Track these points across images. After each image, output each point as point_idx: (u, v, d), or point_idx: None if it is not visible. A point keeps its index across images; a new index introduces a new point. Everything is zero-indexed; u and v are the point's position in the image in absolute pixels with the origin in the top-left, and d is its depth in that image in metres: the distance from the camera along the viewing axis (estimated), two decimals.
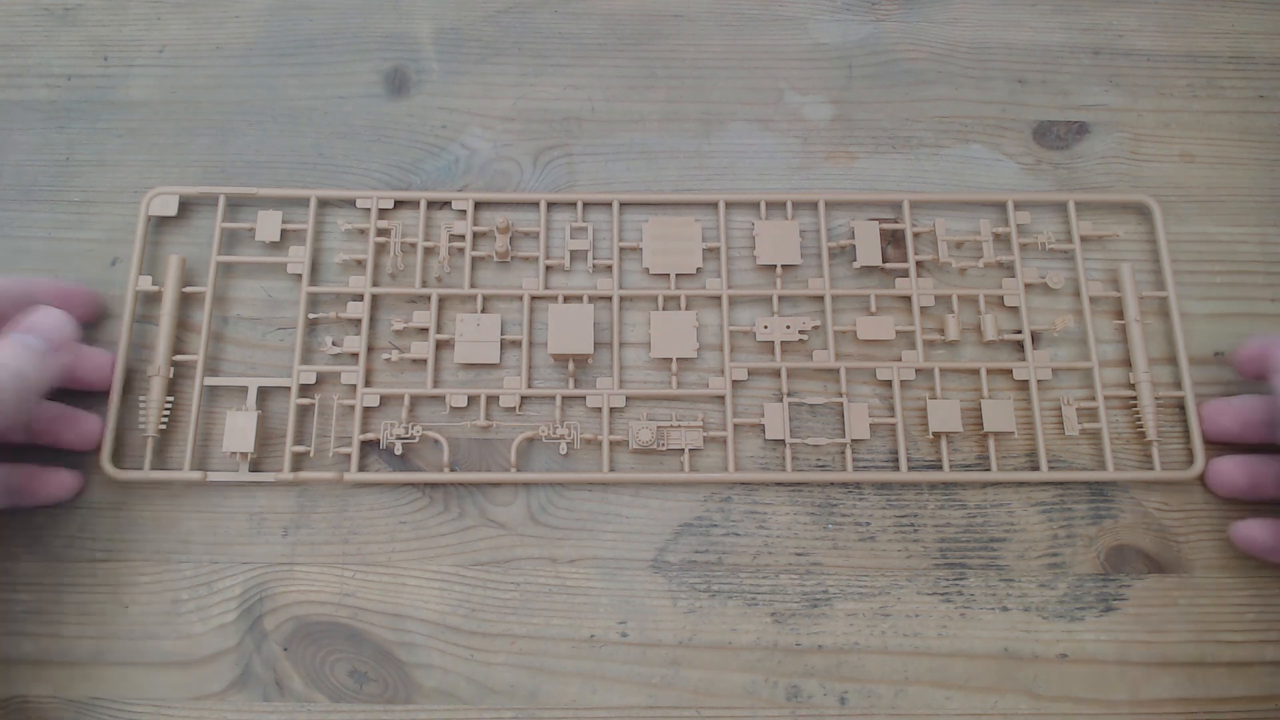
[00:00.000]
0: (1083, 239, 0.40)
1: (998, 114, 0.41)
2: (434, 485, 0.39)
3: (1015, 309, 0.40)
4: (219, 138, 0.40)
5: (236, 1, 0.41)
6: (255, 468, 0.38)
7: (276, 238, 0.40)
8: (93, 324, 0.39)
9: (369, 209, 0.40)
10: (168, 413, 0.38)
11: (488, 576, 0.38)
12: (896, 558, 0.38)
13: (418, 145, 0.40)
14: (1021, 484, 0.39)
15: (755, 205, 0.41)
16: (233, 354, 0.40)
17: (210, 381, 0.39)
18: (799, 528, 0.38)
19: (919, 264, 0.40)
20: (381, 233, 0.40)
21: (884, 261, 0.40)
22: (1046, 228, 0.40)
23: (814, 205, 0.40)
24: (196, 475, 0.38)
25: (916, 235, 0.40)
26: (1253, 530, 0.37)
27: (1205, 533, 0.38)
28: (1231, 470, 0.38)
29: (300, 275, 0.40)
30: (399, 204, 0.40)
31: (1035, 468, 0.38)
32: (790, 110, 0.41)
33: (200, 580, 0.38)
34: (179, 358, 0.39)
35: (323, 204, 0.40)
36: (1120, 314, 0.40)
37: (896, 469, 0.38)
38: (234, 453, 0.38)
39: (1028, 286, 0.40)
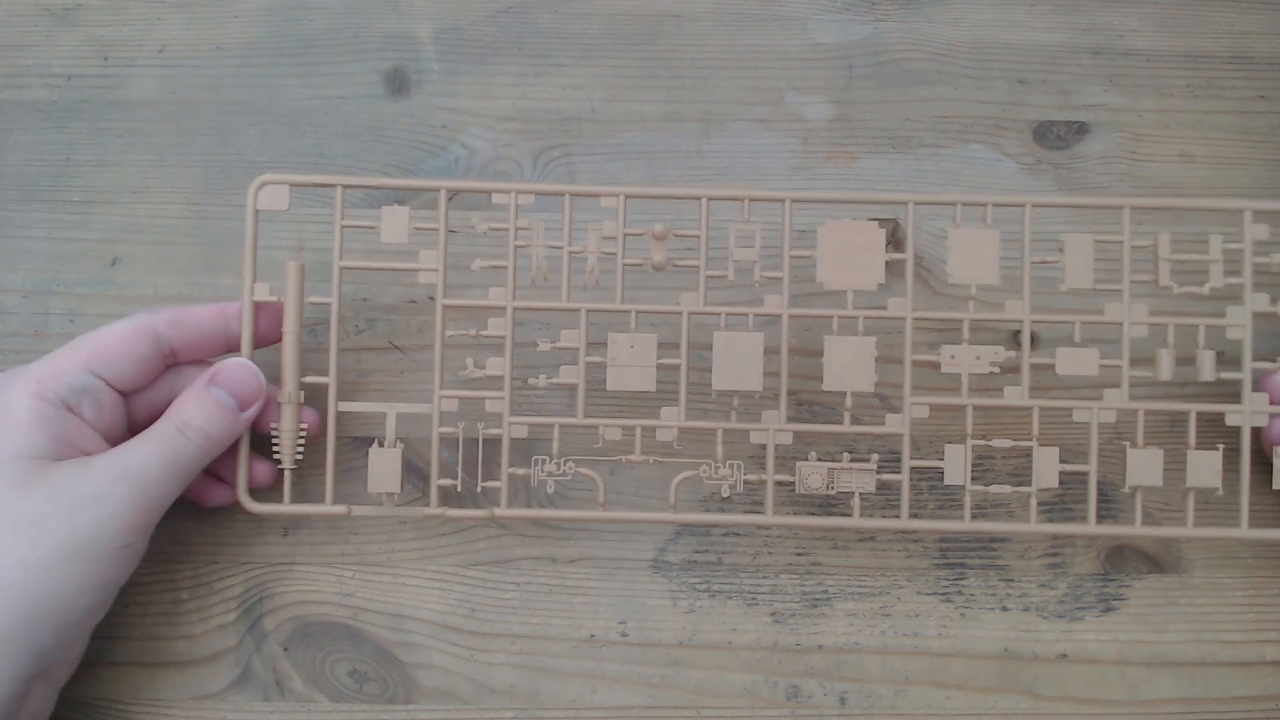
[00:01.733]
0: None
1: (998, 114, 0.41)
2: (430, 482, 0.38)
3: (1237, 341, 0.35)
4: (219, 138, 0.40)
5: (236, 1, 0.41)
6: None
7: (404, 239, 0.35)
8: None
9: (506, 205, 0.36)
10: (302, 441, 0.35)
11: (488, 576, 0.38)
12: (896, 558, 0.38)
13: (418, 145, 0.40)
14: (1022, 483, 0.38)
15: (951, 208, 0.36)
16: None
17: (345, 408, 0.36)
18: (799, 527, 0.38)
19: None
20: (521, 233, 0.36)
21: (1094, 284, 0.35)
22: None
23: (1021, 210, 0.35)
24: (340, 510, 0.36)
25: (1135, 249, 0.36)
26: None
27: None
28: None
29: (434, 285, 0.35)
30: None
31: (1235, 523, 0.36)
32: (790, 110, 0.41)
33: (200, 580, 0.38)
34: (308, 380, 0.36)
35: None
36: None
37: (1082, 521, 0.36)
38: (380, 493, 0.36)
39: (1256, 316, 0.35)
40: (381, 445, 0.36)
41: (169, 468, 0.32)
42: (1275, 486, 0.35)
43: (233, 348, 0.35)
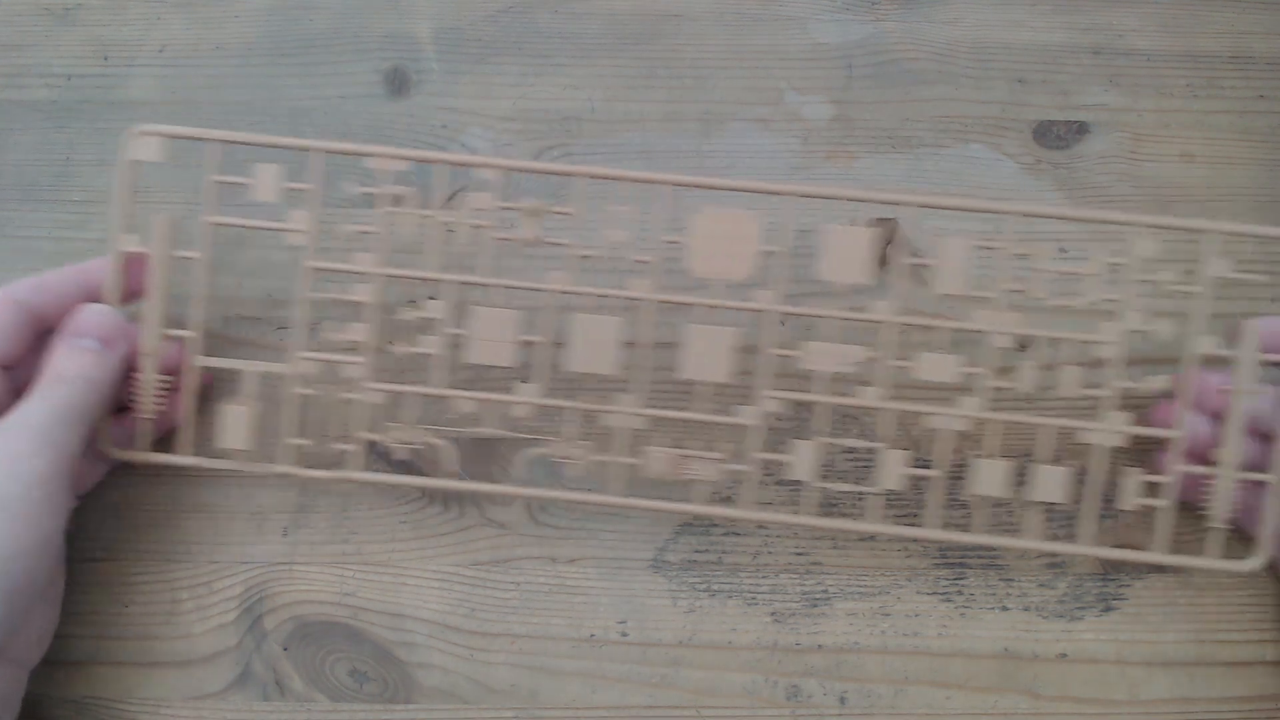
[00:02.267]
0: (1216, 280, 0.35)
1: (998, 114, 0.41)
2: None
3: (1107, 360, 0.35)
4: None
5: (236, 1, 0.41)
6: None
7: (275, 197, 0.36)
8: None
9: (380, 170, 0.36)
10: (164, 392, 0.36)
11: (488, 576, 0.38)
12: (896, 557, 0.38)
13: (418, 145, 0.40)
14: (1022, 483, 0.38)
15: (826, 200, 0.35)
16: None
17: (205, 363, 0.36)
18: (799, 527, 0.38)
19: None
20: (395, 201, 0.36)
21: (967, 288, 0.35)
22: (1167, 266, 0.35)
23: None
24: (193, 461, 0.36)
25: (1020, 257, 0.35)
26: None
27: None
28: None
29: (302, 246, 0.36)
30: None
31: (1072, 538, 0.36)
32: (790, 110, 0.41)
33: (200, 580, 0.38)
34: (171, 332, 0.36)
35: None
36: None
37: (919, 525, 0.36)
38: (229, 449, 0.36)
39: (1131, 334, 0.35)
40: (237, 402, 0.36)
41: (62, 417, 0.32)
42: (1121, 507, 0.35)
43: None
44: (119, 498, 0.38)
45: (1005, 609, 0.38)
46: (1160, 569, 0.38)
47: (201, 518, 0.38)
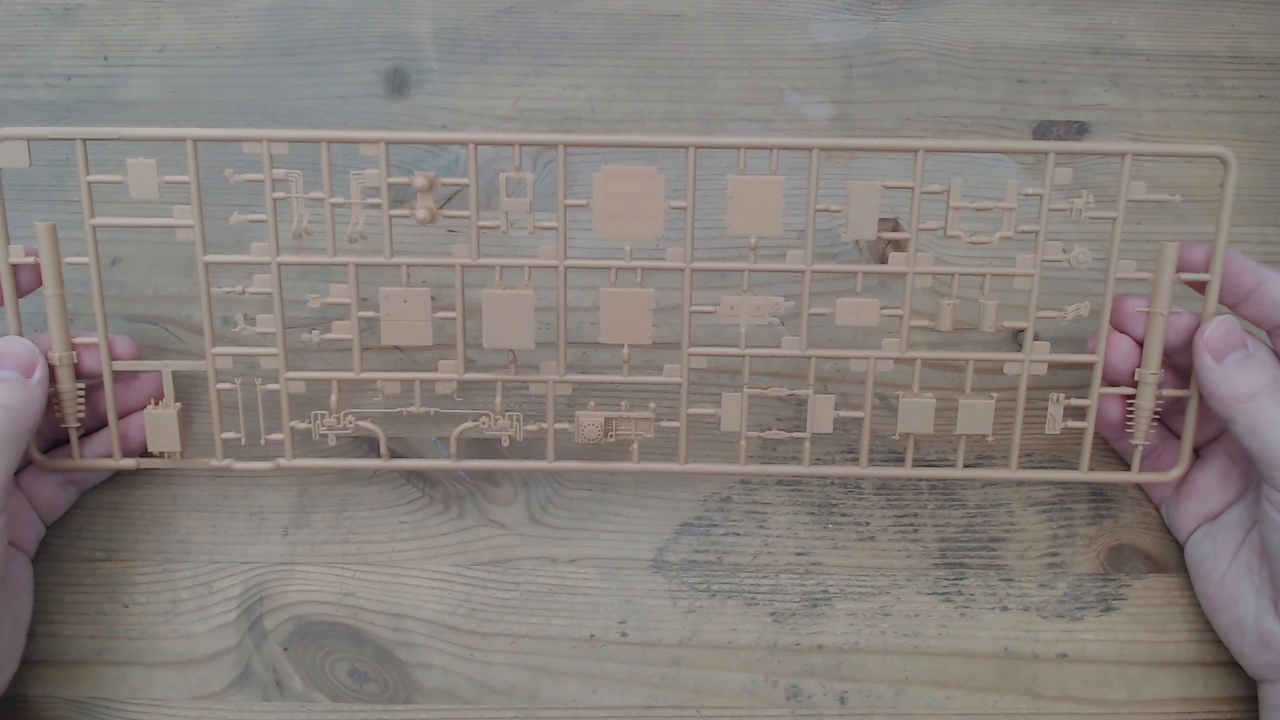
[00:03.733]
0: (1130, 203, 0.35)
1: (998, 114, 0.41)
2: (430, 483, 0.38)
3: (1025, 292, 0.35)
4: None
5: (236, 1, 0.41)
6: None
7: (155, 194, 0.35)
8: None
9: (259, 156, 0.35)
10: (82, 399, 0.35)
11: (488, 576, 0.38)
12: (896, 557, 0.38)
13: (418, 145, 0.40)
14: (1021, 483, 0.38)
15: (734, 152, 0.35)
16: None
17: (119, 367, 0.35)
18: (799, 527, 0.38)
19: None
20: (279, 185, 0.35)
21: (879, 235, 0.35)
22: (1081, 192, 0.35)
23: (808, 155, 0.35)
24: (130, 463, 0.36)
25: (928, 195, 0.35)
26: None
27: None
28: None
29: (192, 242, 0.35)
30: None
31: (1006, 465, 0.37)
32: (790, 110, 0.41)
33: (200, 580, 0.38)
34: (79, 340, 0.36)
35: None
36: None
37: (856, 463, 0.36)
38: (161, 453, 0.36)
39: (1047, 262, 0.35)
40: (160, 405, 0.36)
41: None
42: (1048, 430, 0.36)
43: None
44: (119, 498, 0.38)
45: (1005, 609, 0.38)
46: (1160, 569, 0.38)
47: (201, 518, 0.38)
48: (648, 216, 0.35)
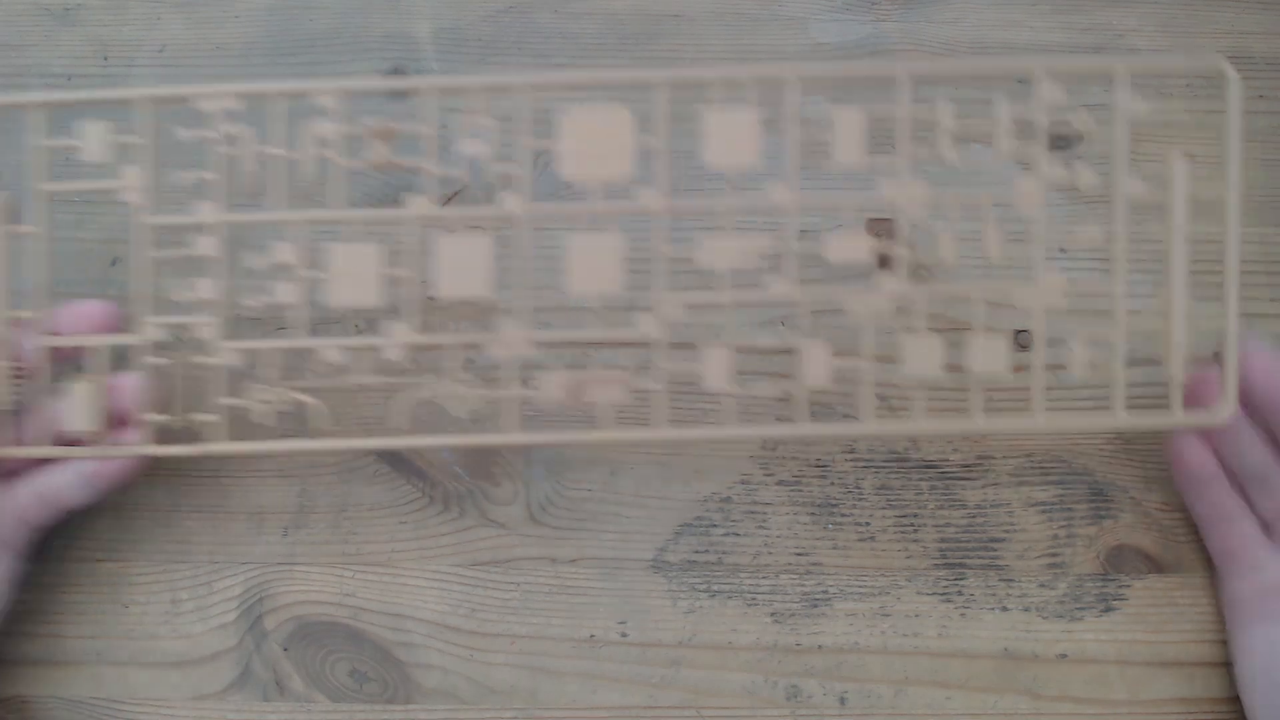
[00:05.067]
0: (1133, 129, 0.33)
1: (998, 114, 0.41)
2: (430, 483, 0.38)
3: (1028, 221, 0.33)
4: None
5: (236, 1, 0.41)
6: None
7: (108, 157, 0.33)
8: None
9: (212, 111, 0.33)
10: (21, 379, 0.33)
11: (488, 576, 0.38)
12: (896, 558, 0.38)
13: (418, 145, 0.40)
14: (1022, 483, 0.38)
15: (704, 88, 0.33)
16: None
17: (51, 342, 0.34)
18: (799, 528, 0.38)
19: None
20: (230, 142, 0.33)
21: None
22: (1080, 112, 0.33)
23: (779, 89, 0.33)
24: (58, 450, 0.34)
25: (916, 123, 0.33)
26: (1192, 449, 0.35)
27: None
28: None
29: (135, 204, 0.33)
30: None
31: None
32: (790, 110, 0.41)
33: (200, 580, 0.38)
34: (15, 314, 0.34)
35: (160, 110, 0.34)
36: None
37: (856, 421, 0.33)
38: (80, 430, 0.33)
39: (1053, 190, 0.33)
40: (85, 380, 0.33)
41: None
42: (1074, 372, 0.33)
43: None
44: (119, 498, 0.38)
45: (1005, 609, 0.38)
46: (1161, 569, 0.38)
47: (201, 518, 0.38)
48: (616, 154, 0.33)
